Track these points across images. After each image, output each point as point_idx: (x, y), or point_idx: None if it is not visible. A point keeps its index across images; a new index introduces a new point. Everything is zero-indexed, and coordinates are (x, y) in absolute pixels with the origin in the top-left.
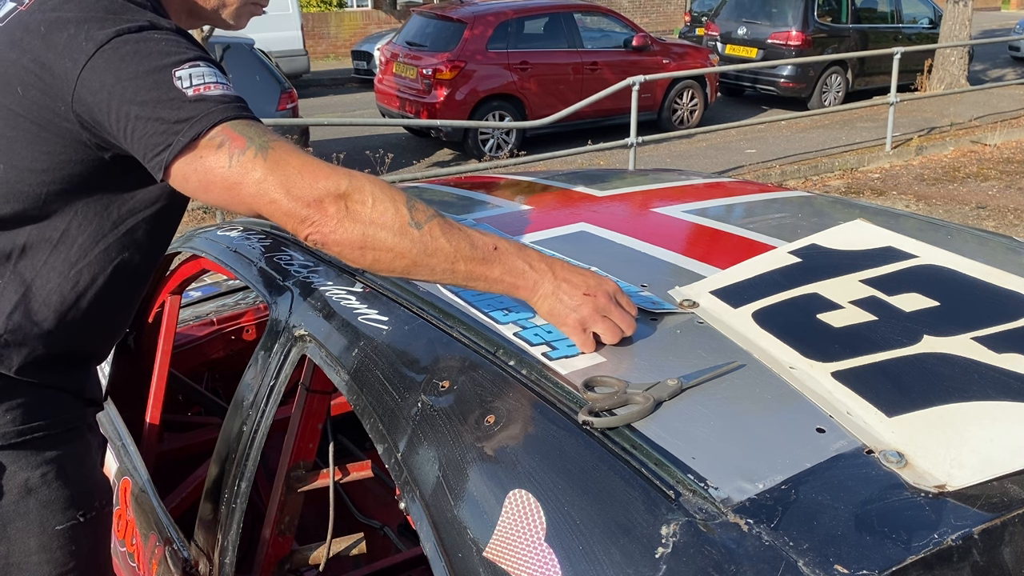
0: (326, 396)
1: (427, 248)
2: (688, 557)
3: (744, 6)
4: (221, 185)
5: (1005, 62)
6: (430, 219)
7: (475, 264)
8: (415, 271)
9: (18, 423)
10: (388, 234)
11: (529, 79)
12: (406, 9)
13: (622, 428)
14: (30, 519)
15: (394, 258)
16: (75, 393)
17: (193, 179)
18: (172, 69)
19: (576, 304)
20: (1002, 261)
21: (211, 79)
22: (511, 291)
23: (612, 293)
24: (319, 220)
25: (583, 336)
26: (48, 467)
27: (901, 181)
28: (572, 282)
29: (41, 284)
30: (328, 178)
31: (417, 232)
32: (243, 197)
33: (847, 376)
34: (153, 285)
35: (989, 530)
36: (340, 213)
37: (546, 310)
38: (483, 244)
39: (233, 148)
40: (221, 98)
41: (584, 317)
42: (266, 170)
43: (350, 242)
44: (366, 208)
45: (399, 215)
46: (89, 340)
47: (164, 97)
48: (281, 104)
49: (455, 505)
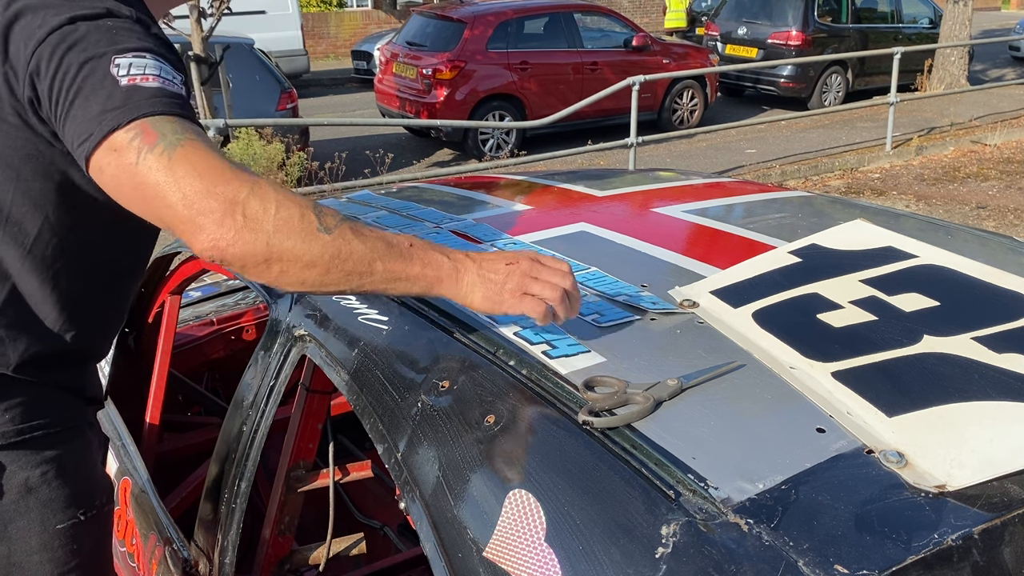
0: (326, 396)
1: (340, 252)
2: (688, 557)
3: (744, 6)
4: (129, 183)
5: (1005, 62)
6: (340, 223)
7: (393, 261)
8: (328, 279)
9: (17, 422)
10: (295, 242)
11: (529, 79)
12: (406, 9)
13: (622, 428)
14: (31, 518)
15: (303, 268)
16: (75, 391)
17: (107, 173)
18: (113, 56)
19: (504, 276)
20: (1002, 261)
21: (152, 71)
22: (434, 285)
23: (532, 255)
24: (214, 231)
25: (527, 302)
26: (48, 466)
27: (901, 181)
28: (491, 259)
29: (24, 282)
30: (228, 183)
31: (328, 236)
32: (147, 199)
33: (847, 376)
34: (153, 285)
35: (989, 530)
36: (238, 223)
37: (479, 297)
38: (398, 241)
39: (143, 144)
40: (155, 91)
41: (517, 283)
42: (167, 170)
43: (252, 254)
44: (268, 215)
45: (306, 220)
46: (84, 336)
47: (97, 85)
48: (281, 104)
49: (455, 505)
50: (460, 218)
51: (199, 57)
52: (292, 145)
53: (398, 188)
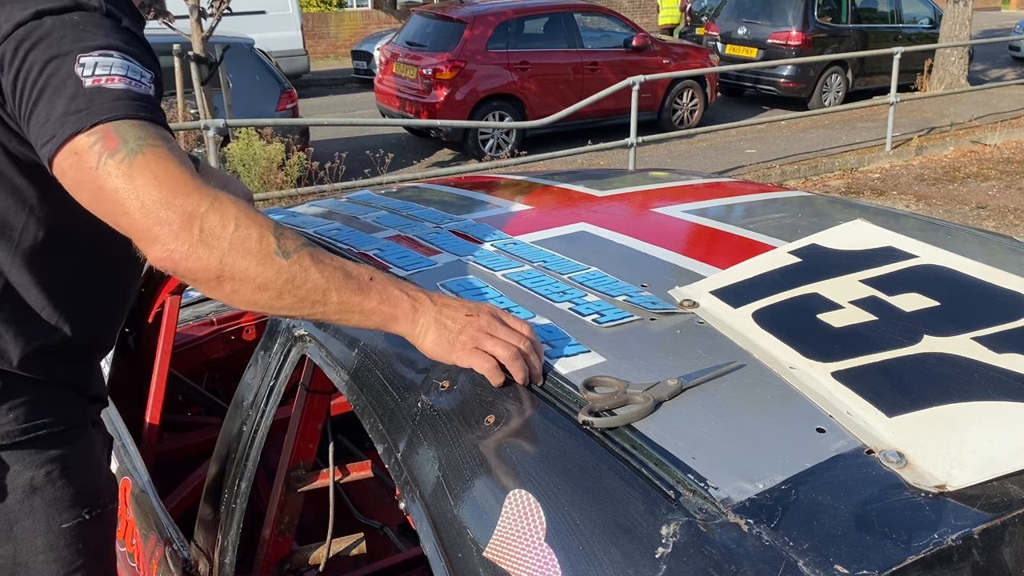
0: (326, 396)
1: (295, 278)
2: (688, 557)
3: (744, 6)
4: (88, 187)
5: (1005, 62)
6: (300, 247)
7: (349, 294)
8: (279, 304)
9: (21, 421)
10: (250, 263)
11: (529, 79)
12: (406, 9)
13: (622, 428)
14: (36, 518)
15: (255, 289)
16: (79, 389)
17: (68, 176)
18: (78, 55)
19: (460, 327)
20: (1002, 261)
21: (118, 71)
22: (388, 322)
23: (494, 312)
24: (169, 243)
25: (477, 356)
26: (53, 465)
27: (901, 181)
28: (452, 306)
29: (17, 276)
30: (188, 196)
31: (285, 261)
32: (105, 205)
33: (847, 376)
34: (153, 285)
35: (989, 530)
36: (193, 237)
37: (431, 341)
38: (358, 273)
39: (104, 149)
40: (120, 93)
41: (472, 336)
42: (126, 178)
43: (205, 270)
44: (226, 232)
45: (264, 242)
46: (84, 328)
47: (60, 85)
48: (281, 104)
49: (455, 505)
50: (460, 218)
51: (199, 57)
52: (292, 145)
53: (398, 188)
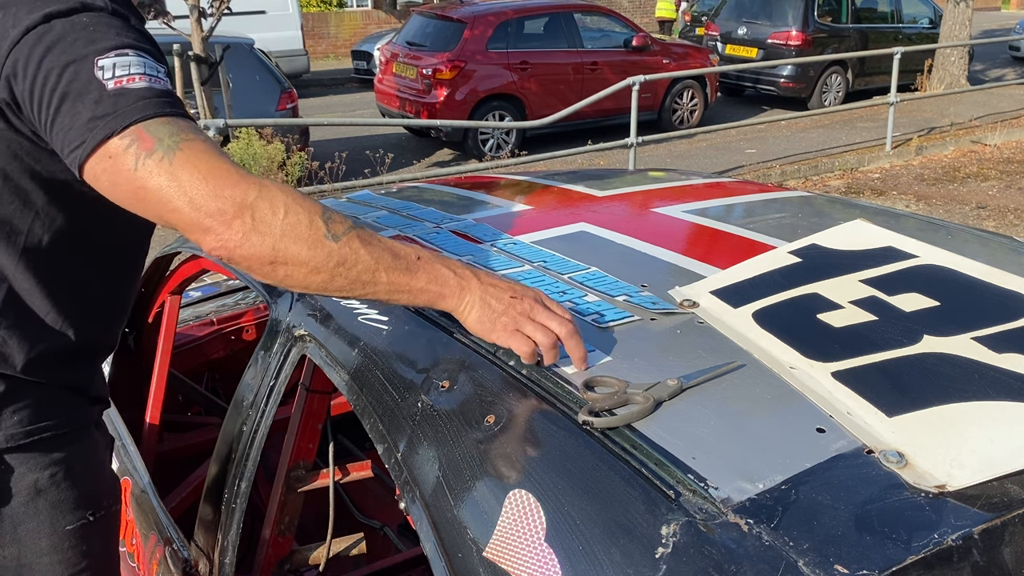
0: (326, 396)
1: (345, 260)
2: (688, 557)
3: (744, 6)
4: (127, 189)
5: (1005, 62)
6: (348, 231)
7: (398, 274)
8: (332, 285)
9: (25, 424)
10: (302, 246)
11: (529, 79)
12: (406, 9)
13: (622, 428)
14: (40, 520)
15: (308, 272)
16: (81, 391)
17: (103, 179)
18: (95, 58)
19: (504, 307)
20: (1002, 261)
21: (136, 70)
22: (436, 301)
23: (538, 297)
24: (223, 233)
25: (517, 338)
26: (56, 467)
27: (901, 181)
28: (498, 286)
29: (21, 281)
30: (236, 186)
31: (334, 244)
32: (148, 203)
33: (847, 376)
34: (153, 285)
35: (989, 530)
36: (246, 225)
37: (474, 318)
38: (405, 254)
39: (141, 150)
40: (143, 92)
41: (514, 318)
42: (169, 176)
43: (259, 256)
44: (277, 219)
45: (314, 226)
46: (87, 331)
47: (83, 90)
48: (281, 104)
49: (455, 505)
50: (460, 218)
51: (199, 57)
52: (292, 145)
53: (398, 188)
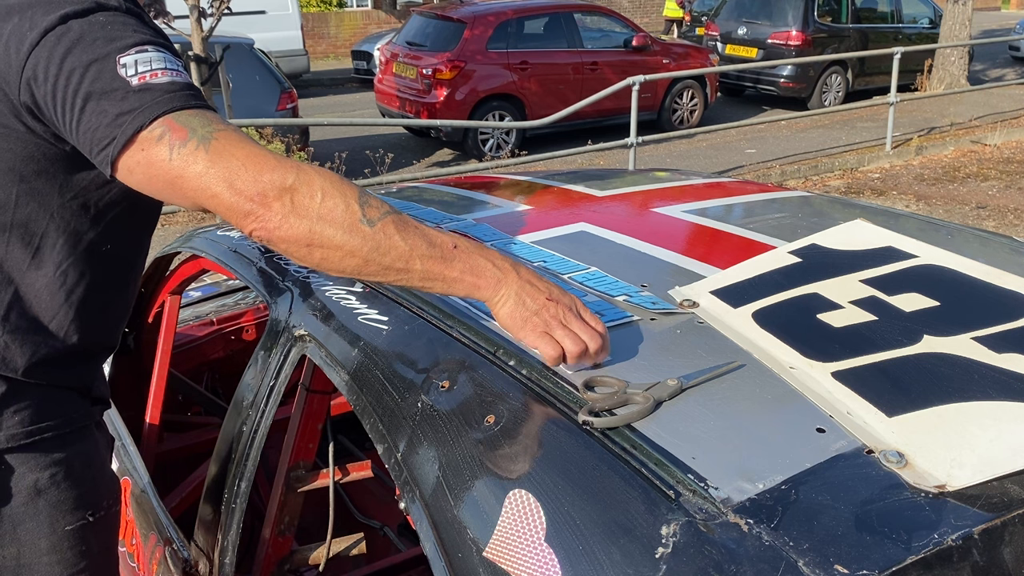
0: (326, 396)
1: (380, 246)
2: (688, 557)
3: (744, 6)
4: (163, 179)
5: (1005, 62)
6: (384, 216)
7: (433, 262)
8: (367, 270)
9: (26, 424)
10: (337, 231)
11: (529, 79)
12: (406, 9)
13: (622, 428)
14: (40, 520)
15: (343, 256)
16: (82, 392)
17: (137, 172)
18: (116, 56)
19: (538, 307)
20: (1002, 261)
21: (158, 65)
22: (471, 291)
23: (575, 304)
24: (263, 215)
25: (545, 340)
26: (57, 468)
27: (901, 181)
28: (536, 285)
29: (29, 284)
30: (274, 171)
31: (369, 229)
32: (185, 191)
33: (847, 376)
34: (153, 285)
35: (989, 530)
36: (285, 208)
37: (506, 313)
38: (441, 242)
39: (174, 140)
40: (168, 86)
41: (546, 320)
42: (208, 163)
43: (296, 239)
44: (314, 203)
45: (350, 211)
46: (90, 335)
47: (107, 88)
48: (281, 104)
49: (455, 505)
50: (460, 218)
51: (199, 57)
52: (292, 145)
53: (398, 188)
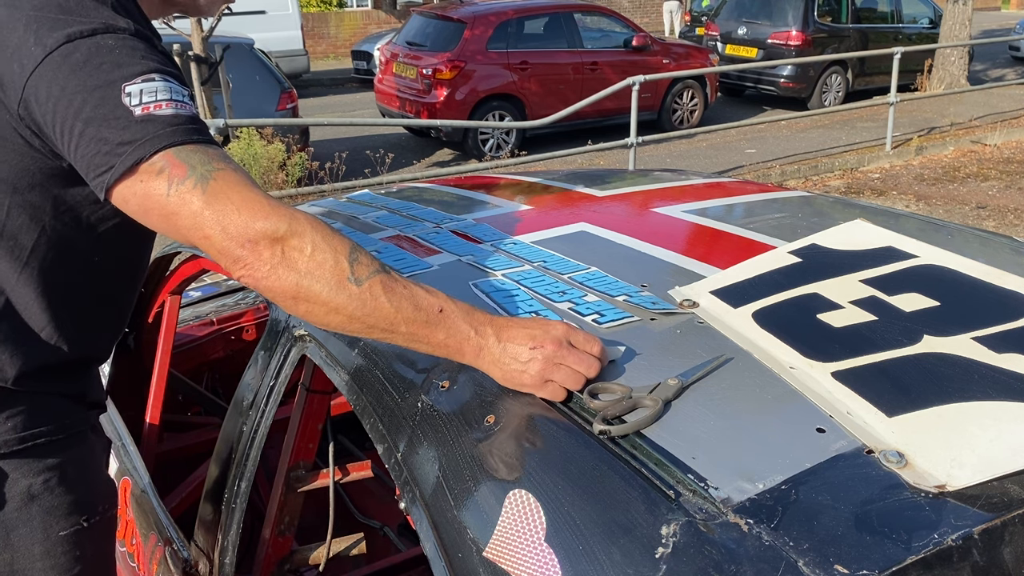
0: (326, 396)
1: (365, 305)
2: (688, 557)
3: (744, 6)
4: (159, 213)
5: (1005, 62)
6: (372, 275)
7: (418, 326)
8: (351, 327)
9: (19, 430)
10: (324, 287)
11: (529, 79)
12: (406, 9)
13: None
14: (33, 526)
15: (328, 312)
16: (77, 398)
17: (133, 203)
18: (122, 84)
19: (527, 359)
20: (1002, 261)
21: (163, 96)
22: (456, 355)
23: (562, 337)
24: (252, 263)
25: (547, 389)
26: (50, 473)
27: (901, 181)
28: (517, 339)
29: (20, 295)
30: (267, 218)
31: (356, 288)
32: (179, 228)
33: (847, 376)
34: (153, 285)
35: (989, 530)
36: (275, 258)
37: (500, 376)
38: (428, 305)
39: (173, 176)
40: (170, 119)
41: (540, 369)
42: (203, 203)
43: (282, 290)
44: (303, 256)
45: (339, 268)
46: (82, 346)
47: (110, 115)
48: (281, 104)
49: (455, 505)
50: (460, 218)
51: (199, 57)
52: (292, 145)
53: (398, 188)
